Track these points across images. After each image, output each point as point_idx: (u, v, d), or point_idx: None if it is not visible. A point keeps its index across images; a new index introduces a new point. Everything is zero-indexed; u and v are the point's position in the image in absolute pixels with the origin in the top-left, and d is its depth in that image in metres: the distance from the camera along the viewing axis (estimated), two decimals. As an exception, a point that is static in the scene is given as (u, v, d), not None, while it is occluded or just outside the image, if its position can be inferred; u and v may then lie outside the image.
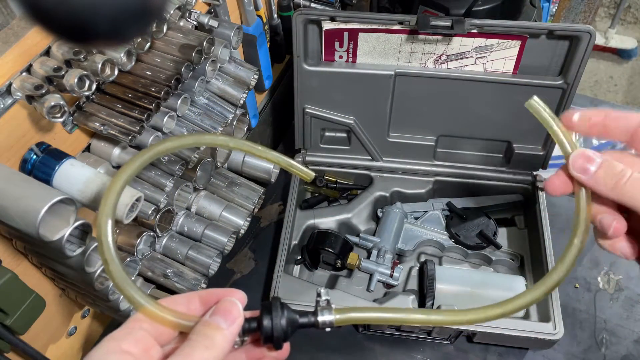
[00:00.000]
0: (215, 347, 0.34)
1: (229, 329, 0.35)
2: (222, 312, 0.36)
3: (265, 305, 0.38)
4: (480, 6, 0.87)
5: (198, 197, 0.80)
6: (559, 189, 0.42)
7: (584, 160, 0.39)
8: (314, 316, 0.38)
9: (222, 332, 0.35)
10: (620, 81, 2.40)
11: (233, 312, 0.36)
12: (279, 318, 0.37)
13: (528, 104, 0.40)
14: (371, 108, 0.89)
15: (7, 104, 0.51)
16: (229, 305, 0.36)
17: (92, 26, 0.28)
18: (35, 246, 0.57)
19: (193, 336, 0.35)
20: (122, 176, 0.37)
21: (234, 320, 0.36)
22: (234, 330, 0.36)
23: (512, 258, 0.89)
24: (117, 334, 0.35)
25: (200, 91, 0.72)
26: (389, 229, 0.89)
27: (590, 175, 0.38)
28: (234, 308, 0.36)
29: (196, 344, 0.34)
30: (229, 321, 0.36)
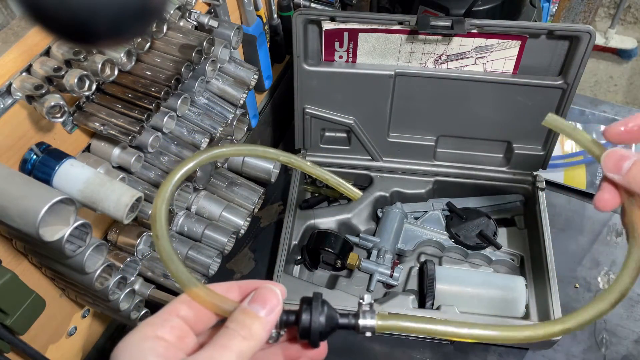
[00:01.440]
0: (252, 337, 0.33)
1: (267, 318, 0.34)
2: (261, 299, 0.35)
3: (305, 299, 0.37)
4: (480, 6, 0.87)
5: (198, 197, 0.80)
6: (610, 203, 0.41)
7: (617, 159, 0.38)
8: (355, 318, 0.37)
9: (260, 320, 0.34)
10: (620, 81, 2.40)
11: (272, 300, 0.35)
12: (319, 314, 0.36)
13: (546, 122, 0.41)
14: (371, 108, 0.89)
15: (7, 104, 0.51)
16: (268, 293, 0.35)
17: (92, 26, 0.28)
18: (35, 246, 0.57)
19: (231, 324, 0.34)
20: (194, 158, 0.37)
21: (272, 308, 0.35)
22: (272, 319, 0.35)
23: (512, 258, 0.89)
24: (153, 319, 0.35)
25: (200, 91, 0.72)
26: (389, 229, 0.89)
27: (624, 172, 0.38)
28: (273, 296, 0.35)
29: (234, 334, 0.33)
30: (267, 309, 0.35)
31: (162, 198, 0.37)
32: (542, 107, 0.85)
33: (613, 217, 0.99)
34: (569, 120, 1.11)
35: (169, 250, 0.36)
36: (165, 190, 0.37)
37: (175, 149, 0.68)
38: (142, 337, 0.34)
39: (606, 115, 1.12)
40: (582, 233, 0.97)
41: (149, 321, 0.35)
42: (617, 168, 0.38)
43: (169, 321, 0.35)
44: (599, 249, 0.95)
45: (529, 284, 0.85)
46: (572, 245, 0.95)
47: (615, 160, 0.38)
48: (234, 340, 0.33)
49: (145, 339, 0.34)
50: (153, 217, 0.36)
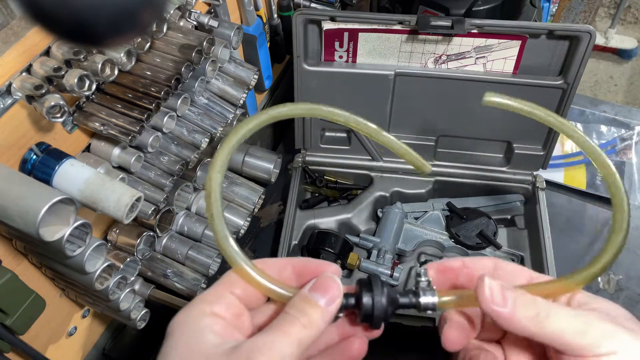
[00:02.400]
0: (312, 326, 0.33)
1: (328, 308, 0.34)
2: (322, 288, 0.34)
3: (363, 281, 0.36)
4: (480, 6, 0.87)
5: (198, 197, 0.80)
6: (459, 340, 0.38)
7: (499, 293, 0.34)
8: (416, 297, 0.36)
9: (320, 310, 0.34)
10: (620, 81, 2.40)
11: (333, 290, 0.34)
12: (380, 296, 0.35)
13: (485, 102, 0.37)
14: (371, 108, 0.89)
15: (7, 104, 0.51)
16: (330, 282, 0.35)
17: (92, 26, 0.28)
18: (35, 246, 0.57)
19: (291, 310, 0.33)
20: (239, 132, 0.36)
21: (333, 299, 0.34)
22: (333, 310, 0.34)
23: (512, 258, 0.89)
24: (208, 296, 0.34)
25: (200, 91, 0.72)
26: (389, 229, 0.89)
27: (510, 308, 0.34)
28: (335, 286, 0.35)
29: (294, 320, 0.33)
30: (328, 299, 0.34)
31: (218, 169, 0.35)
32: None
33: (613, 217, 0.99)
34: (569, 120, 1.11)
35: (223, 232, 0.35)
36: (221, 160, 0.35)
37: (175, 149, 0.68)
38: (199, 312, 0.33)
39: (606, 115, 1.12)
40: (582, 233, 0.97)
41: (204, 297, 0.34)
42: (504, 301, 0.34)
43: (225, 298, 0.34)
44: (599, 248, 0.94)
45: (529, 284, 0.85)
46: (572, 245, 0.95)
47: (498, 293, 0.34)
48: (294, 327, 0.33)
49: (203, 315, 0.33)
50: (207, 193, 0.35)
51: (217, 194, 0.35)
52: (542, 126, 0.88)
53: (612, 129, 1.09)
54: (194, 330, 0.33)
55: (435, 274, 0.39)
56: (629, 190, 1.00)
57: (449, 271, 0.39)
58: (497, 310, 0.34)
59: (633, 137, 1.07)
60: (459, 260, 0.39)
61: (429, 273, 0.38)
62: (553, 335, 0.33)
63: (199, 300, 0.34)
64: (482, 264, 0.39)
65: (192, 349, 0.32)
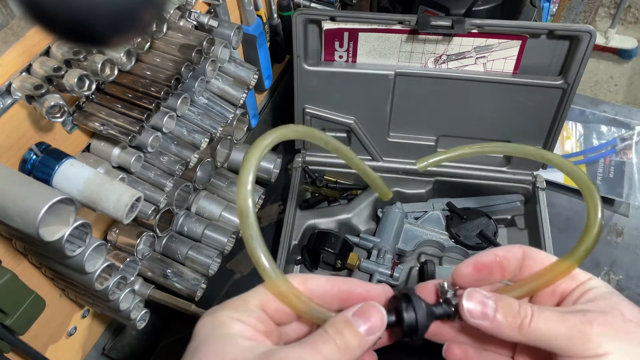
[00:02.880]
0: (347, 350, 0.32)
1: (367, 337, 0.33)
2: (366, 316, 0.34)
3: (400, 296, 0.36)
4: (481, 6, 0.87)
5: (198, 197, 0.80)
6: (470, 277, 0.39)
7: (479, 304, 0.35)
8: (449, 305, 0.36)
9: (359, 337, 0.33)
10: (620, 81, 2.40)
11: (376, 321, 0.34)
12: (421, 310, 0.35)
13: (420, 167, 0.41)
14: (371, 108, 0.89)
15: (6, 104, 0.51)
16: (375, 312, 0.34)
17: (92, 26, 0.27)
18: (35, 246, 0.57)
19: (330, 330, 0.33)
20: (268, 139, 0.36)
21: (375, 330, 0.33)
22: (371, 340, 0.33)
23: (512, 258, 0.89)
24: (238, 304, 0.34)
25: (200, 91, 0.72)
26: (389, 229, 0.89)
27: (491, 320, 0.35)
28: (379, 317, 0.34)
29: (330, 340, 0.32)
30: (369, 328, 0.33)
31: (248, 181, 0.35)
32: (543, 107, 0.85)
33: (614, 217, 0.99)
34: (569, 120, 1.11)
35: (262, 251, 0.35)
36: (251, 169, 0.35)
37: (175, 149, 0.68)
38: (229, 317, 0.33)
39: (606, 115, 1.12)
40: (583, 233, 0.97)
41: (235, 305, 0.34)
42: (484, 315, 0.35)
43: (255, 312, 0.34)
44: (599, 249, 0.95)
45: (529, 284, 0.85)
46: (572, 245, 0.95)
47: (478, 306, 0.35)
48: (329, 346, 0.32)
49: (232, 321, 0.33)
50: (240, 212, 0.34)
51: (251, 213, 0.35)
52: (543, 126, 0.89)
53: (612, 129, 1.09)
54: (225, 334, 0.32)
55: (472, 272, 0.38)
56: (629, 190, 1.00)
57: (484, 268, 0.38)
58: (480, 323, 0.35)
59: (633, 137, 1.07)
60: (491, 253, 0.38)
61: (463, 271, 0.38)
62: (539, 341, 0.33)
63: (229, 307, 0.34)
64: (513, 254, 0.38)
65: (224, 352, 0.31)
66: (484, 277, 0.38)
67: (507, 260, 0.38)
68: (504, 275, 0.39)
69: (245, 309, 0.34)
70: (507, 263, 0.38)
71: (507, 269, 0.38)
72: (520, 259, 0.38)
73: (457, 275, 0.38)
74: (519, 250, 0.39)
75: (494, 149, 0.43)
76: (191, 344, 0.33)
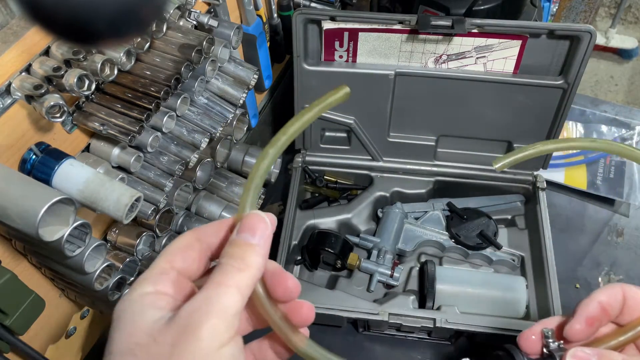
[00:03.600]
0: (248, 266, 0.32)
1: (260, 242, 0.33)
2: (248, 227, 0.33)
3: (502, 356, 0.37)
4: (481, 6, 0.87)
5: (198, 197, 0.80)
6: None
7: None
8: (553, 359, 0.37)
9: (252, 247, 0.33)
10: (620, 81, 2.40)
11: (260, 225, 0.34)
12: None
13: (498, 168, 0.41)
14: (371, 108, 0.89)
15: (6, 104, 0.51)
16: (255, 219, 0.34)
17: (91, 26, 0.27)
18: (34, 246, 0.57)
19: (223, 259, 0.32)
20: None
21: (262, 233, 0.33)
22: (265, 244, 0.33)
23: (513, 258, 0.89)
24: (149, 275, 0.33)
25: (200, 91, 0.72)
26: (389, 229, 0.89)
27: None
28: (260, 221, 0.34)
29: (228, 268, 0.32)
30: (257, 235, 0.33)
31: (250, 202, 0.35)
32: (543, 107, 0.85)
33: (614, 217, 0.99)
34: (570, 120, 1.11)
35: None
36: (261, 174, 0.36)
37: (175, 149, 0.68)
38: (141, 293, 0.32)
39: (607, 115, 1.12)
40: (583, 233, 0.97)
41: (145, 277, 0.33)
42: None
43: (166, 274, 0.33)
44: (600, 249, 0.95)
45: (530, 284, 0.85)
46: (572, 246, 0.95)
47: None
48: (230, 274, 0.31)
49: (145, 295, 0.32)
50: None
51: None
52: (543, 126, 0.89)
53: (613, 129, 1.09)
54: (136, 311, 0.32)
55: (585, 328, 0.38)
56: (629, 190, 1.00)
57: (595, 322, 0.39)
58: None
59: (634, 137, 1.07)
60: (594, 302, 0.39)
61: (576, 328, 0.38)
62: None
63: (140, 280, 0.33)
64: (615, 298, 0.39)
65: (134, 328, 0.31)
66: (594, 329, 0.39)
67: (610, 306, 0.39)
68: (608, 320, 0.39)
69: (155, 275, 0.33)
70: (611, 309, 0.39)
71: (611, 314, 0.39)
72: (621, 301, 0.39)
73: (571, 333, 0.38)
74: (619, 291, 0.39)
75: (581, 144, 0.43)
76: (109, 334, 0.32)
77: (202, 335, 0.29)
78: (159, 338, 0.30)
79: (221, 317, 0.30)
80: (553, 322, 0.41)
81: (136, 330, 0.31)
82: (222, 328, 0.30)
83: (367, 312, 0.77)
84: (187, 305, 0.30)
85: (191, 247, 0.35)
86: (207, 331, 0.29)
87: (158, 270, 0.34)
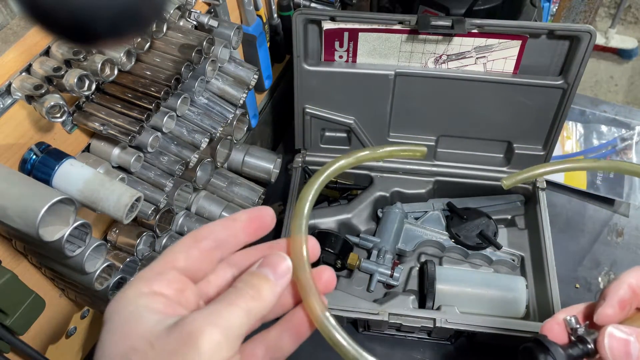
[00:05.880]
0: (261, 298, 0.32)
1: (277, 282, 0.34)
2: (271, 265, 0.34)
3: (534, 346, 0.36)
4: (481, 6, 0.87)
5: (198, 197, 0.80)
6: None
7: (621, 344, 0.35)
8: (584, 344, 0.36)
9: (269, 283, 0.33)
10: (620, 81, 2.40)
11: (281, 266, 0.35)
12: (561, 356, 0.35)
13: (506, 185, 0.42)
14: (371, 108, 0.89)
15: (6, 104, 0.51)
16: (278, 259, 0.35)
17: (91, 26, 0.27)
18: (35, 246, 0.57)
19: (239, 284, 0.33)
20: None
21: (282, 274, 0.34)
22: (282, 284, 0.34)
23: (513, 258, 0.89)
24: (147, 273, 0.32)
25: (200, 91, 0.72)
26: (389, 229, 0.89)
27: None
28: (283, 262, 0.35)
29: (242, 292, 0.32)
30: (277, 274, 0.34)
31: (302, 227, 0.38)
32: (543, 107, 0.85)
33: (614, 217, 0.99)
34: (570, 120, 1.11)
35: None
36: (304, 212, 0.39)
37: (175, 149, 0.68)
38: (136, 293, 0.31)
39: (607, 115, 1.12)
40: (583, 233, 0.97)
41: (143, 275, 0.32)
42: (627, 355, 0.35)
43: (165, 274, 0.32)
44: (600, 249, 0.95)
45: (530, 284, 0.85)
46: (572, 246, 0.95)
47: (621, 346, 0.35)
48: (242, 298, 0.32)
49: (140, 296, 0.31)
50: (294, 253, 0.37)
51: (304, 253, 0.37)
52: (543, 126, 0.89)
53: (613, 129, 1.09)
54: (131, 312, 0.30)
55: (618, 312, 0.38)
56: (629, 190, 1.00)
57: (627, 305, 0.38)
58: None
59: (633, 137, 1.07)
60: (624, 285, 0.38)
61: (608, 313, 0.38)
62: None
63: (136, 280, 0.32)
64: None
65: (129, 331, 0.29)
66: (625, 313, 0.38)
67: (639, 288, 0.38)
68: (638, 303, 0.39)
69: (153, 275, 0.32)
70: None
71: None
72: None
73: (603, 318, 0.38)
74: None
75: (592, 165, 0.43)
76: (100, 335, 0.31)
77: (203, 348, 0.28)
78: (157, 344, 0.29)
79: (224, 333, 0.29)
80: (573, 310, 0.40)
81: (131, 333, 0.29)
82: (223, 345, 0.29)
83: (367, 312, 0.77)
84: (191, 315, 0.30)
85: (194, 245, 0.34)
86: (208, 344, 0.28)
87: (155, 269, 0.33)
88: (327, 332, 0.35)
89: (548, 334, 0.39)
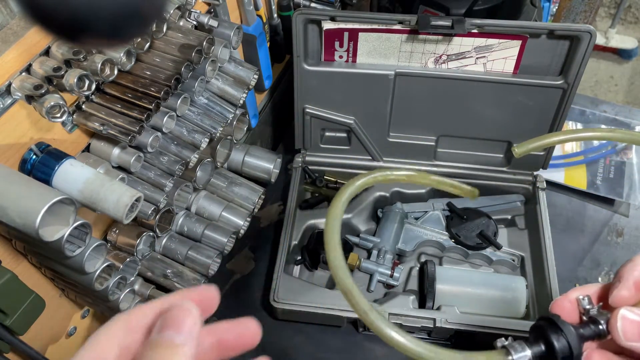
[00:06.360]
0: None
1: (187, 342, 0.28)
2: (174, 323, 0.28)
3: (545, 325, 0.35)
4: (481, 6, 0.87)
5: (198, 197, 0.80)
6: None
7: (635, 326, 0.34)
8: (595, 324, 0.35)
9: (177, 350, 0.27)
10: (620, 81, 2.40)
11: (187, 320, 0.29)
12: (573, 335, 0.34)
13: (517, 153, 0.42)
14: (371, 108, 0.89)
15: (6, 104, 0.51)
16: (180, 313, 0.29)
17: (91, 26, 0.27)
18: (35, 246, 0.57)
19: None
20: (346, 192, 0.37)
21: (190, 328, 0.28)
22: (194, 341, 0.28)
23: (513, 258, 0.89)
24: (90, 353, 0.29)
25: (200, 91, 0.72)
26: (389, 229, 0.89)
27: None
28: (188, 315, 0.29)
29: None
30: (184, 333, 0.28)
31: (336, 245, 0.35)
32: (543, 107, 0.85)
33: (614, 217, 0.99)
34: (570, 120, 1.11)
35: None
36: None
37: (175, 149, 0.68)
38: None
39: (607, 115, 1.12)
40: (583, 233, 0.97)
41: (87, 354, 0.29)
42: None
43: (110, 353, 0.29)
44: (600, 249, 0.95)
45: (530, 284, 0.85)
46: (572, 246, 0.95)
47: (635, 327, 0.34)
48: None
49: None
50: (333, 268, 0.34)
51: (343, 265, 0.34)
52: (543, 126, 0.89)
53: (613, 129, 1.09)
54: None
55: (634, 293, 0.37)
56: (629, 190, 1.00)
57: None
58: (632, 345, 0.34)
59: (633, 137, 1.07)
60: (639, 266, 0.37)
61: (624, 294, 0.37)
62: None
63: None
64: None
65: None
66: None
67: None
68: None
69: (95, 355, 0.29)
70: None
71: None
72: None
73: (618, 299, 0.37)
74: None
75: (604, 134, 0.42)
76: None
77: None
78: None
79: None
80: (585, 290, 0.39)
81: None
82: None
83: (367, 312, 0.77)
84: None
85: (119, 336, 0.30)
86: None
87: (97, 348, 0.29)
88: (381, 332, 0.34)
89: (558, 311, 0.38)
